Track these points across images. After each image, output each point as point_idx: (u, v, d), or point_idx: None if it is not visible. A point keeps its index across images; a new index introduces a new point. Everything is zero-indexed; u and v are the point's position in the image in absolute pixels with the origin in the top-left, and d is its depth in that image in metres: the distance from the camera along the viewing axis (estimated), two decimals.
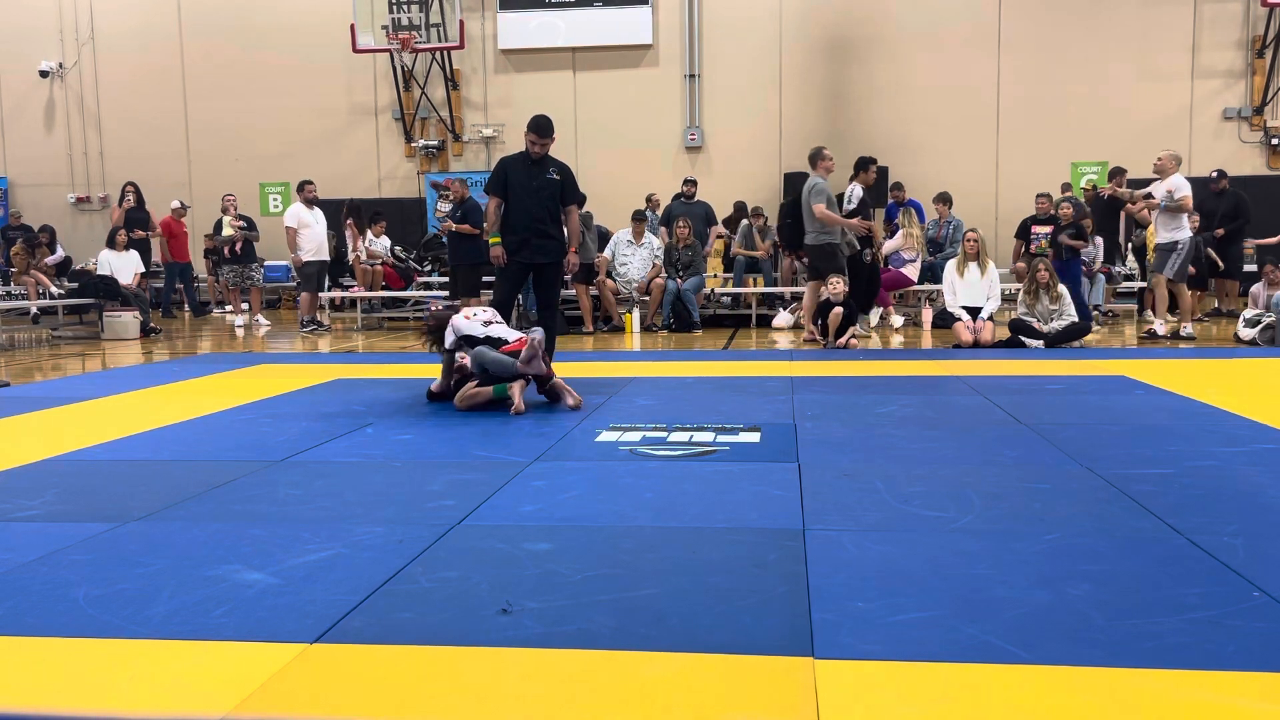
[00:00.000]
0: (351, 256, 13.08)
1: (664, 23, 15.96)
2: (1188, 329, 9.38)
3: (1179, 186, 9.23)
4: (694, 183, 12.92)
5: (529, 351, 5.31)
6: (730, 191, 14.30)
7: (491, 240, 6.78)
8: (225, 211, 12.95)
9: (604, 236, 12.08)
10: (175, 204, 14.84)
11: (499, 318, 5.77)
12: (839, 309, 8.97)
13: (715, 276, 12.78)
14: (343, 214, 13.36)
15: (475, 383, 5.37)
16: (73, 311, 12.91)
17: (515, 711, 1.92)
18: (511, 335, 5.54)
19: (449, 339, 5.57)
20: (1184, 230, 9.34)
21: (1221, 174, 12.15)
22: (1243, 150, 14.94)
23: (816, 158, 9.43)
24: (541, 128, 6.66)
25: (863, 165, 9.91)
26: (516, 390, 5.24)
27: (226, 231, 12.71)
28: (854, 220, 9.51)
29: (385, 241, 13.32)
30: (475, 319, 5.63)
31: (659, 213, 13.06)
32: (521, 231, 6.68)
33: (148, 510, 3.39)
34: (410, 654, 2.17)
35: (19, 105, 17.67)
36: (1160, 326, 9.39)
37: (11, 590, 2.62)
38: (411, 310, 13.21)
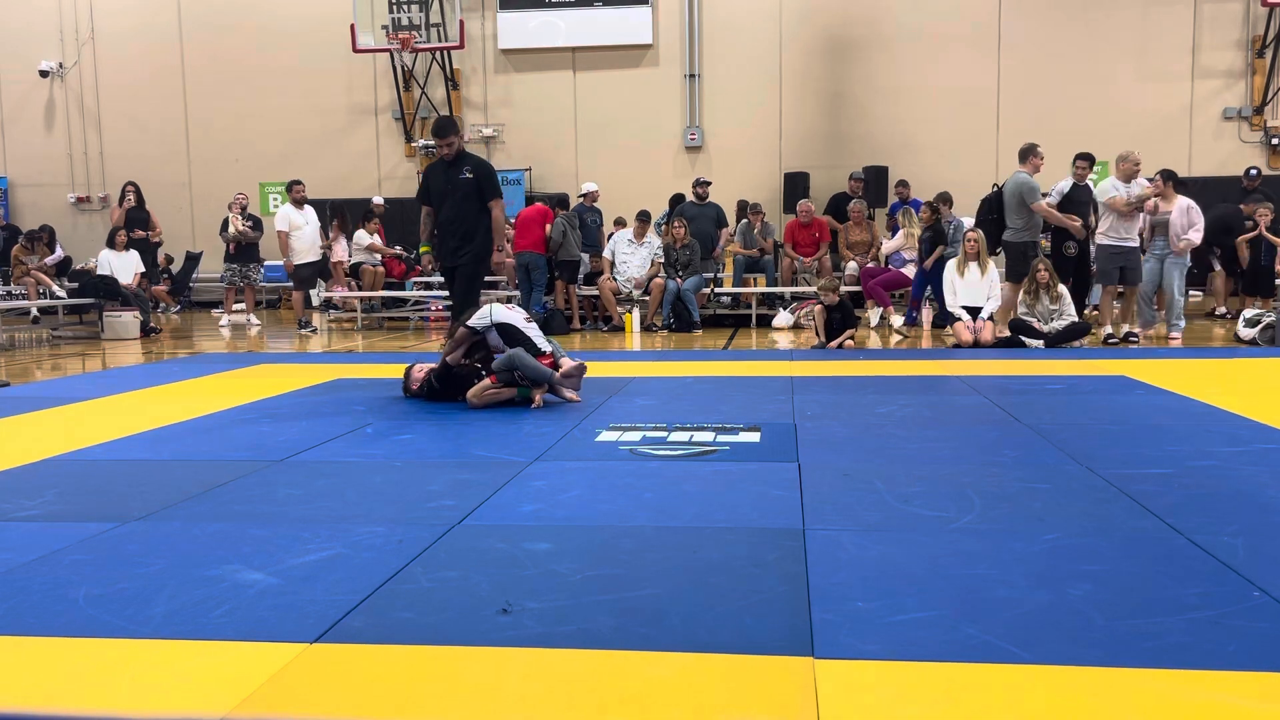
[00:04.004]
0: (334, 260, 13.04)
1: (664, 23, 15.96)
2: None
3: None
4: (707, 184, 12.51)
5: (577, 369, 5.58)
6: (730, 191, 14.28)
7: (421, 250, 6.79)
8: (231, 208, 12.97)
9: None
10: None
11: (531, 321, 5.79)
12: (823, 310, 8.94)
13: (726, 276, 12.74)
14: (328, 216, 13.29)
15: (494, 381, 5.39)
16: (73, 311, 12.92)
17: (515, 711, 1.92)
18: (544, 344, 5.57)
19: (482, 323, 5.56)
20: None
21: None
22: (1243, 150, 14.95)
23: (1029, 153, 9.22)
24: (439, 129, 6.67)
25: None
26: (538, 395, 5.40)
27: (238, 227, 12.74)
28: (1067, 217, 9.24)
29: (377, 241, 13.35)
30: (516, 312, 5.67)
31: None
32: (442, 234, 6.65)
33: (148, 510, 3.39)
34: (410, 654, 2.17)
35: (19, 105, 17.66)
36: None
37: (11, 590, 2.62)
38: (412, 310, 13.20)
